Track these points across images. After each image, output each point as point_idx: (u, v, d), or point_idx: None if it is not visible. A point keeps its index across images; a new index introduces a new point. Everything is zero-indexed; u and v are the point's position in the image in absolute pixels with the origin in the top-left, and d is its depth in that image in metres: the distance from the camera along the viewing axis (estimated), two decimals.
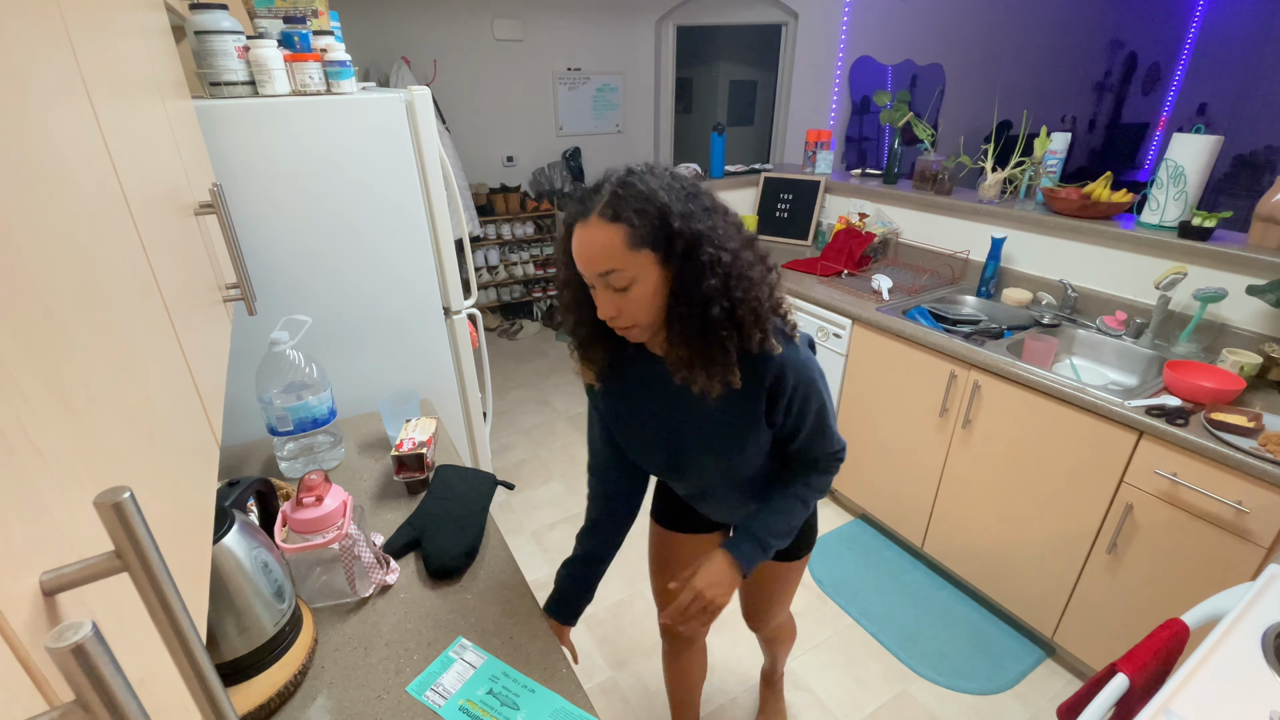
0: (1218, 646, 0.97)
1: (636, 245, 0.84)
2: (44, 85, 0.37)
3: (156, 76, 0.78)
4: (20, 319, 0.28)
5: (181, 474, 0.51)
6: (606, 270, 0.85)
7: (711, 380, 0.91)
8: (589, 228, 0.84)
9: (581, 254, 0.86)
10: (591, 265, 0.85)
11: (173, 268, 0.63)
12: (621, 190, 0.84)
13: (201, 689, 0.32)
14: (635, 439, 1.10)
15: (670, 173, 0.89)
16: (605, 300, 0.88)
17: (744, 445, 1.02)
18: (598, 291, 0.89)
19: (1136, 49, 6.75)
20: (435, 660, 0.97)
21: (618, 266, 0.84)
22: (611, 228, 0.83)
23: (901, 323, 2.10)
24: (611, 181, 0.86)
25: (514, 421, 3.36)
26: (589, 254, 0.85)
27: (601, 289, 0.88)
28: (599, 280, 0.86)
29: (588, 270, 0.87)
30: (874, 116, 5.39)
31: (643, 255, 0.84)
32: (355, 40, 3.64)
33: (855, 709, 1.82)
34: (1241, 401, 1.59)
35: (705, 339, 0.88)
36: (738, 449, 1.03)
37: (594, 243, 0.84)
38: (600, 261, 0.84)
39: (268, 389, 1.30)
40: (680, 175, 0.89)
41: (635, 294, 0.86)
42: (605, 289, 0.87)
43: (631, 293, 0.86)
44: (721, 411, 0.99)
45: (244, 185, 1.39)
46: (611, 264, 0.84)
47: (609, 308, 0.88)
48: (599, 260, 0.84)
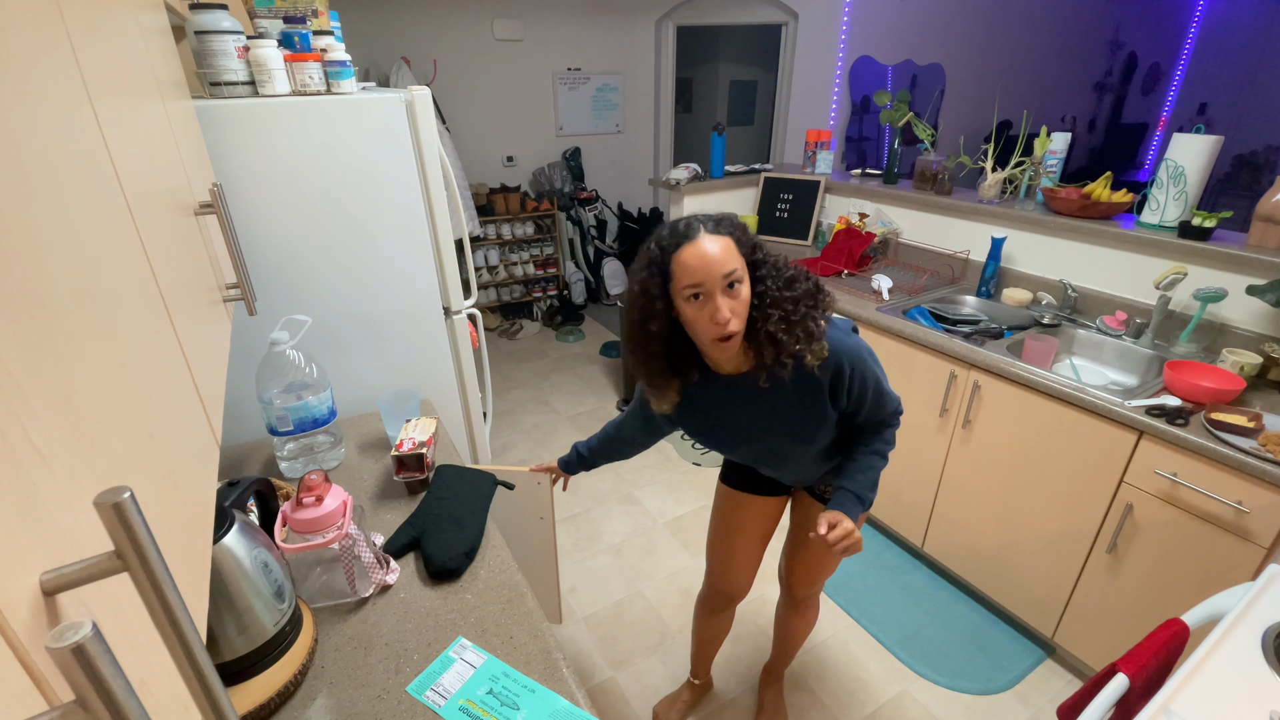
0: (1218, 646, 0.97)
1: (740, 251, 1.02)
2: (44, 85, 0.37)
3: (156, 76, 0.78)
4: (20, 319, 0.28)
5: (181, 474, 0.51)
6: (731, 269, 0.98)
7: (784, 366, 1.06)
8: (703, 242, 0.98)
9: (705, 262, 0.98)
10: (719, 267, 0.98)
11: (173, 268, 0.63)
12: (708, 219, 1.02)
13: (201, 689, 0.32)
14: (725, 445, 1.28)
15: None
16: (723, 305, 0.99)
17: (818, 429, 1.18)
18: (714, 300, 0.99)
19: (1136, 49, 6.75)
20: (435, 660, 0.97)
21: (736, 265, 0.99)
22: (723, 238, 1.00)
23: (901, 323, 2.10)
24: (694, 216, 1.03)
25: (514, 421, 3.36)
26: (715, 259, 0.98)
27: (719, 295, 0.99)
28: (722, 282, 0.98)
29: (714, 273, 0.98)
30: (874, 116, 5.39)
31: (742, 261, 1.02)
32: (355, 40, 3.65)
33: (855, 709, 1.82)
34: (1241, 401, 1.59)
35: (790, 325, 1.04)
36: (813, 433, 1.19)
37: (716, 249, 0.98)
38: (726, 261, 0.98)
39: (268, 389, 1.30)
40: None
41: (743, 294, 1.01)
42: (722, 294, 0.99)
43: (741, 292, 1.01)
44: (794, 406, 1.15)
45: (244, 185, 1.39)
46: (733, 264, 0.99)
47: (725, 310, 0.99)
48: (725, 261, 0.98)
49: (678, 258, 0.99)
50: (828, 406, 1.15)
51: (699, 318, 1.02)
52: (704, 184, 3.00)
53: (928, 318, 2.15)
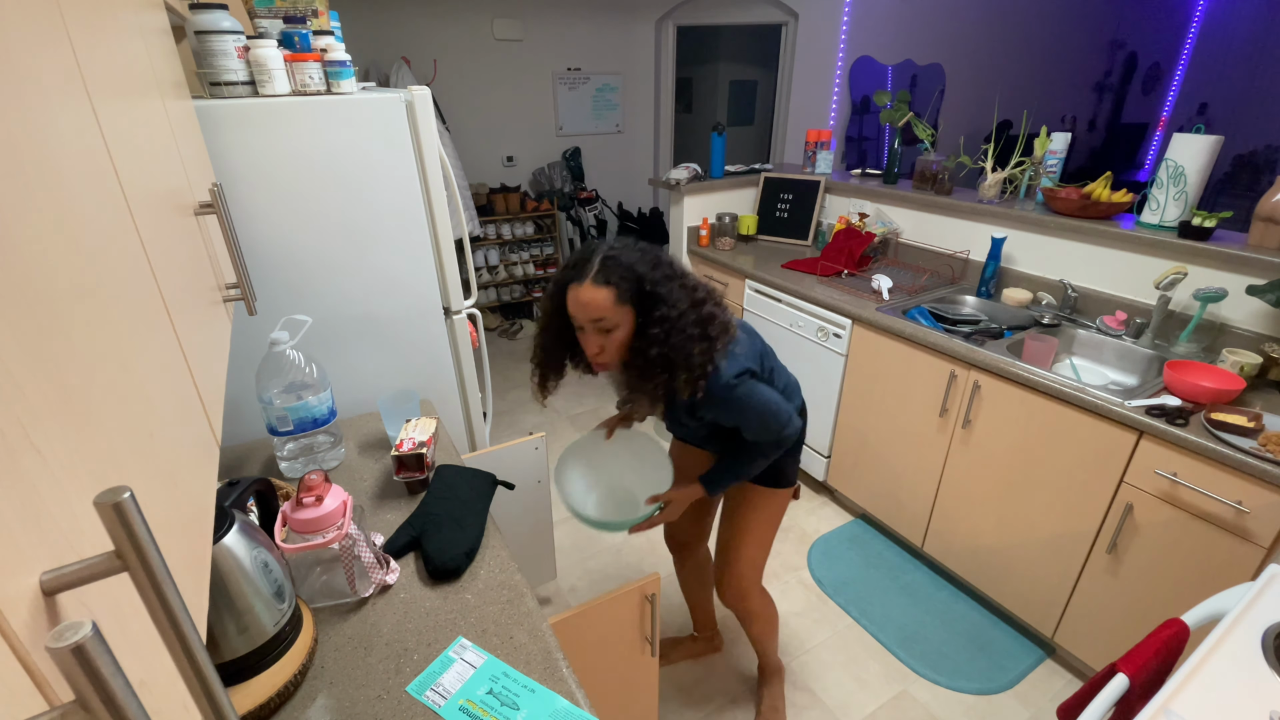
0: (1218, 646, 0.97)
1: (620, 302, 1.12)
2: (44, 85, 0.37)
3: (156, 76, 0.78)
4: (20, 319, 0.28)
5: (181, 474, 0.51)
6: (597, 318, 1.13)
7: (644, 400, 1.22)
8: (584, 288, 1.11)
9: (578, 307, 1.13)
10: (588, 314, 1.12)
11: (173, 268, 0.63)
12: (608, 261, 1.12)
13: (201, 689, 0.32)
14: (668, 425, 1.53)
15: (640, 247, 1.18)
16: (592, 340, 1.16)
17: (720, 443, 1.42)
18: (586, 333, 1.16)
19: (1136, 49, 6.75)
20: (435, 660, 0.97)
21: (606, 316, 1.13)
22: (602, 290, 1.11)
23: (901, 323, 2.10)
24: (599, 254, 1.13)
25: (514, 421, 3.36)
26: (585, 307, 1.12)
27: (591, 332, 1.15)
28: (591, 325, 1.14)
29: (585, 317, 1.13)
30: (874, 116, 5.39)
31: (624, 309, 1.13)
32: (355, 40, 3.65)
33: (855, 709, 1.82)
34: (1241, 401, 1.59)
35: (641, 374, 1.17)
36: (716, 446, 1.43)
37: (590, 299, 1.11)
38: (594, 311, 1.12)
39: (268, 389, 1.30)
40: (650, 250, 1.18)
41: (615, 338, 1.16)
42: (594, 332, 1.15)
43: (613, 336, 1.15)
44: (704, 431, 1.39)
45: (244, 185, 1.39)
46: (601, 314, 1.12)
47: (594, 346, 1.16)
48: (593, 311, 1.12)
49: (568, 290, 1.14)
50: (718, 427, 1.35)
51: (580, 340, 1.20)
52: (704, 184, 3.00)
53: (928, 318, 2.15)
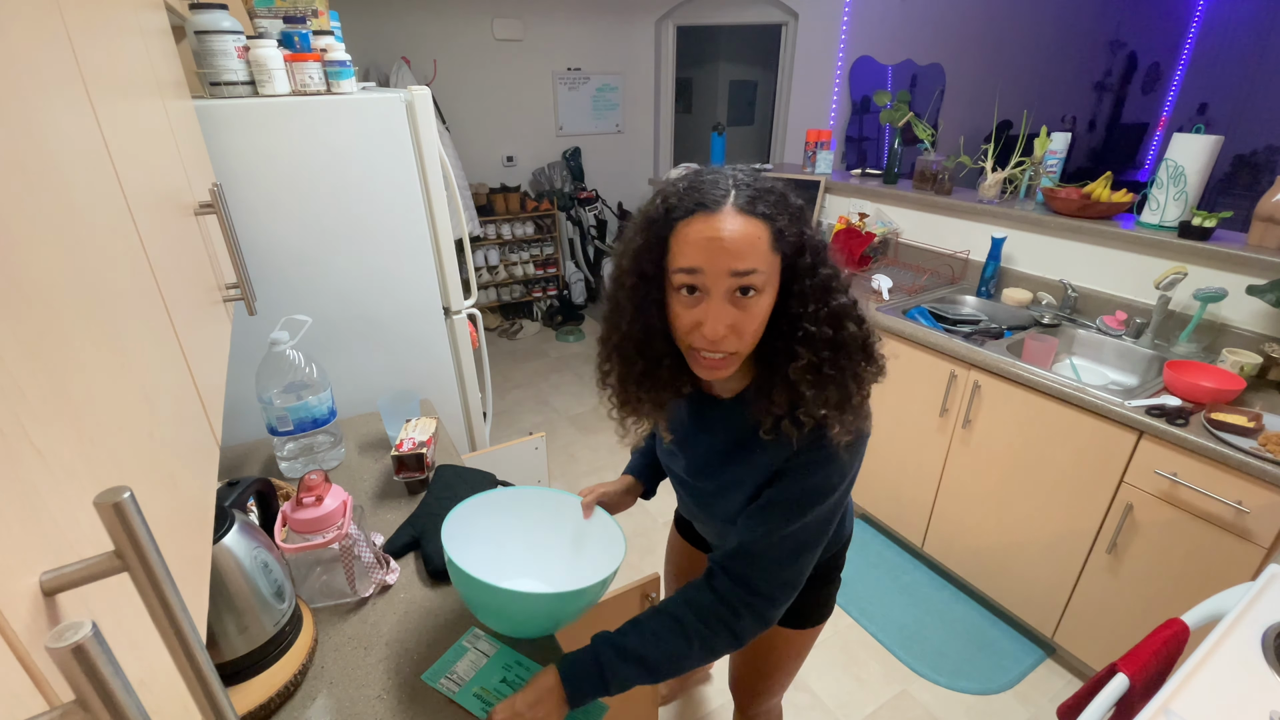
0: (1218, 646, 0.97)
1: (776, 247, 0.71)
2: (44, 85, 0.37)
3: (156, 76, 0.78)
4: (20, 319, 0.28)
5: (181, 474, 0.51)
6: (747, 269, 0.69)
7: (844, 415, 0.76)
8: (723, 218, 0.69)
9: (714, 247, 0.69)
10: (730, 260, 0.69)
11: (173, 268, 0.63)
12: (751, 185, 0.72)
13: (201, 689, 0.32)
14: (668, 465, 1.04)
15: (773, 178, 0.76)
16: (722, 313, 0.71)
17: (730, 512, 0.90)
18: (711, 302, 0.72)
19: (1136, 49, 6.75)
20: (450, 649, 0.98)
21: (759, 267, 0.70)
22: (755, 221, 0.69)
23: (901, 323, 2.10)
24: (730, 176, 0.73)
25: (514, 421, 3.36)
26: (728, 247, 0.69)
27: (720, 298, 0.71)
28: (728, 283, 0.70)
29: (718, 267, 0.70)
30: (874, 116, 5.39)
31: (776, 261, 0.72)
32: (355, 40, 3.64)
33: (855, 709, 1.82)
34: (1241, 401, 1.59)
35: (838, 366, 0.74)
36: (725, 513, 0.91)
37: (736, 233, 0.69)
38: (743, 256, 0.69)
39: (268, 389, 1.30)
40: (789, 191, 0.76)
41: (757, 308, 0.72)
42: (726, 299, 0.71)
43: (755, 305, 0.72)
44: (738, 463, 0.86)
45: (244, 185, 1.39)
46: (755, 262, 0.69)
47: (723, 324, 0.71)
48: (742, 254, 0.69)
49: (681, 228, 0.71)
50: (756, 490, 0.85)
51: (684, 318, 0.74)
52: None
53: (928, 318, 2.15)
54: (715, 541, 1.09)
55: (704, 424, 0.90)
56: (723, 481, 0.89)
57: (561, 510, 1.08)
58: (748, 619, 0.81)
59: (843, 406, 0.76)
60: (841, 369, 0.75)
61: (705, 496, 0.95)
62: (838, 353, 0.75)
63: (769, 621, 0.82)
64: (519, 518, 1.07)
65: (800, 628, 1.13)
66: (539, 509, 1.08)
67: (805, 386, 0.75)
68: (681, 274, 0.72)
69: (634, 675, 0.81)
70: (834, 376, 0.75)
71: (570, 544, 1.06)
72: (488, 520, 1.04)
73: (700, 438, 0.91)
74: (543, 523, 1.07)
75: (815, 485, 0.80)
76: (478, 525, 1.02)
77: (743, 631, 0.82)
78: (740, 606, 0.81)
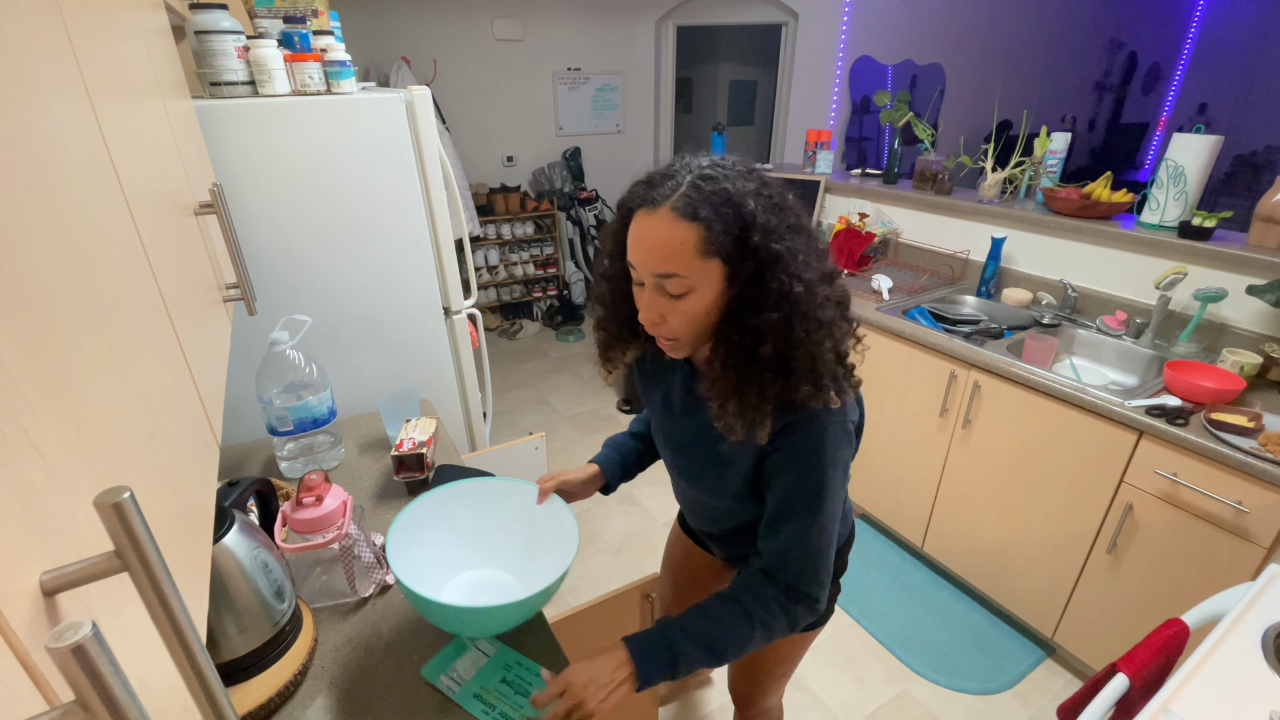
0: (1218, 646, 0.97)
1: (707, 252, 0.73)
2: (44, 85, 0.37)
3: (156, 76, 0.78)
4: (20, 319, 0.28)
5: (181, 474, 0.51)
6: (666, 273, 0.74)
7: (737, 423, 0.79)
8: (656, 219, 0.73)
9: (641, 247, 0.75)
10: (649, 262, 0.74)
11: (173, 268, 0.63)
12: (703, 184, 0.73)
13: (201, 689, 0.32)
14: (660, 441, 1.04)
15: (759, 174, 0.77)
16: (651, 303, 0.78)
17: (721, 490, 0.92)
18: (644, 291, 0.78)
19: (1136, 49, 6.75)
20: (450, 643, 0.98)
21: (680, 272, 0.74)
22: (683, 225, 0.72)
23: (901, 323, 2.10)
24: (692, 171, 0.74)
25: (514, 421, 3.36)
26: (650, 249, 0.74)
27: (651, 290, 0.77)
28: (651, 280, 0.76)
29: (643, 266, 0.76)
30: (874, 116, 5.39)
31: (710, 264, 0.74)
32: (355, 40, 3.64)
33: (855, 709, 1.82)
34: (1241, 401, 1.59)
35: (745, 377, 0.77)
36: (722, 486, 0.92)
37: (659, 237, 0.73)
38: (661, 261, 0.73)
39: (268, 389, 1.30)
40: (769, 180, 0.77)
41: (688, 305, 0.76)
42: (656, 291, 0.77)
43: (684, 303, 0.76)
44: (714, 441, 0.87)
45: (244, 185, 1.39)
46: (673, 267, 0.73)
47: (653, 312, 0.78)
48: (661, 259, 0.73)
49: (632, 219, 0.77)
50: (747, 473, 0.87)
51: (637, 299, 0.81)
52: None
53: (928, 318, 2.15)
54: (708, 528, 1.09)
55: (690, 394, 0.93)
56: (709, 457, 0.91)
57: (513, 500, 1.07)
58: (803, 607, 0.86)
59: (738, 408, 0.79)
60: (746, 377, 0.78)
61: (693, 473, 0.97)
62: (750, 364, 0.77)
63: (820, 608, 0.87)
64: (471, 510, 1.07)
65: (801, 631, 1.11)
66: (492, 500, 1.08)
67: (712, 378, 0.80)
68: (629, 263, 0.79)
69: (701, 658, 0.83)
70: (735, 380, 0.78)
71: (525, 534, 1.06)
72: (437, 519, 1.04)
73: (691, 412, 0.93)
74: (495, 514, 1.07)
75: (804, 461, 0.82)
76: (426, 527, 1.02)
77: (798, 618, 0.87)
78: (797, 595, 0.86)
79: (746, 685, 1.26)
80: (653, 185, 0.75)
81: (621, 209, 0.80)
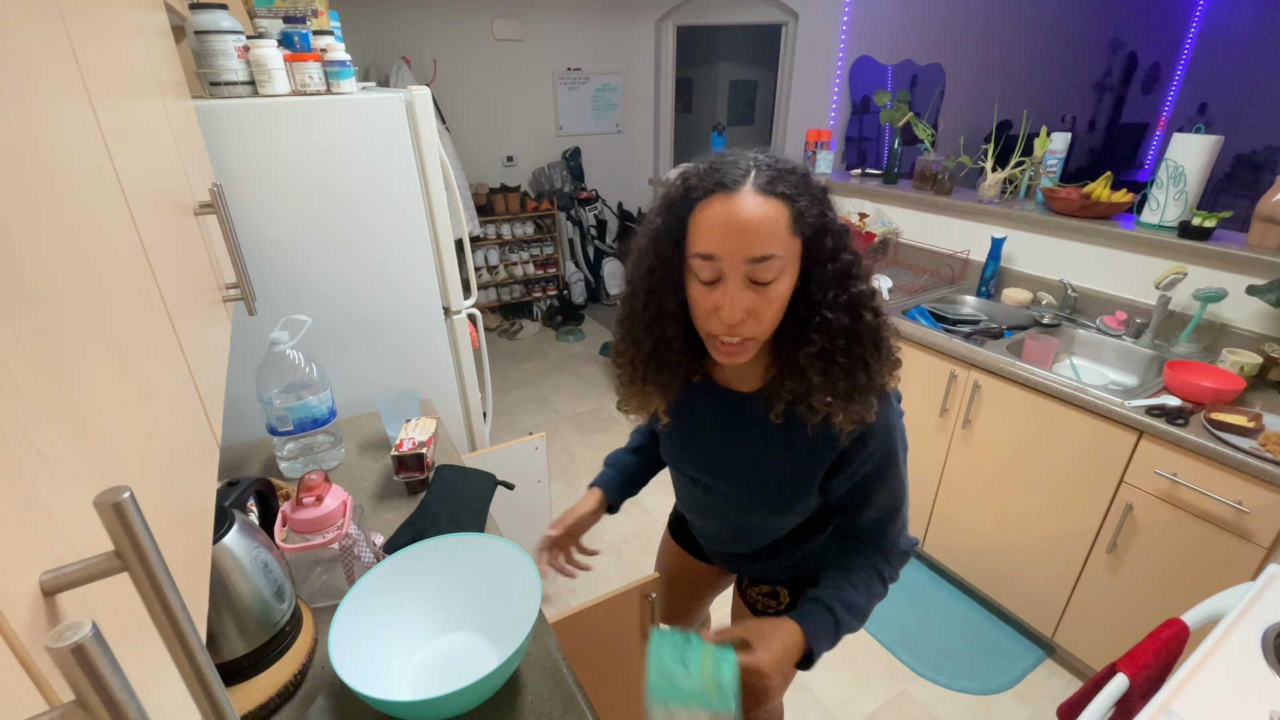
0: (1218, 646, 0.97)
1: (796, 230, 0.69)
2: (44, 85, 0.37)
3: (156, 76, 0.78)
4: (20, 319, 0.28)
5: (181, 474, 0.51)
6: (764, 255, 0.67)
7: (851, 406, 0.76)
8: (742, 198, 0.67)
9: (731, 230, 0.67)
10: (744, 246, 0.67)
11: (173, 268, 0.63)
12: (771, 163, 0.70)
13: (201, 689, 0.32)
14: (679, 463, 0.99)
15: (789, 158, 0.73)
16: (738, 298, 0.70)
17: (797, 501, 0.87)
18: (726, 287, 0.70)
19: (1136, 49, 6.75)
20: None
21: (777, 252, 0.68)
22: (774, 203, 0.67)
23: (901, 323, 2.10)
24: (750, 158, 0.71)
25: (514, 421, 3.36)
26: (745, 230, 0.67)
27: (737, 284, 0.70)
28: (743, 269, 0.69)
29: (735, 252, 0.68)
30: (874, 116, 5.39)
31: (796, 245, 0.70)
32: (355, 40, 3.64)
33: (855, 709, 1.82)
34: (1241, 401, 1.59)
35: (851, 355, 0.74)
36: (789, 503, 0.88)
37: (754, 215, 0.67)
38: (760, 242, 0.67)
39: (268, 389, 1.30)
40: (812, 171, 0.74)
41: (777, 292, 0.71)
42: (742, 284, 0.70)
43: (773, 289, 0.70)
44: (784, 460, 0.84)
45: (244, 185, 1.39)
46: (771, 247, 0.68)
47: (740, 309, 0.70)
48: (759, 240, 0.67)
49: (699, 210, 0.70)
50: (818, 480, 0.85)
51: (701, 303, 0.73)
52: None
53: (928, 318, 2.15)
54: (738, 549, 1.04)
55: (731, 423, 0.89)
56: (755, 480, 0.89)
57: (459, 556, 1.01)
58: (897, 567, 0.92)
59: (850, 396, 0.76)
60: (853, 358, 0.75)
61: (743, 494, 0.92)
62: (851, 342, 0.75)
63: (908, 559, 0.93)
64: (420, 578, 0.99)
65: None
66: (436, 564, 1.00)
67: (814, 373, 0.75)
68: (698, 259, 0.71)
69: (853, 627, 0.87)
70: (844, 365, 0.75)
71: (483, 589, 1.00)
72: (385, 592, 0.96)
73: (728, 436, 0.89)
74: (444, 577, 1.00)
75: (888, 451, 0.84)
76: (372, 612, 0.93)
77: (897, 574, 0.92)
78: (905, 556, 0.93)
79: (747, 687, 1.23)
80: (718, 170, 0.70)
81: (674, 207, 0.74)
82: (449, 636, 1.00)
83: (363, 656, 0.87)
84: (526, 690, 0.92)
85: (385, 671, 0.91)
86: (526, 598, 0.92)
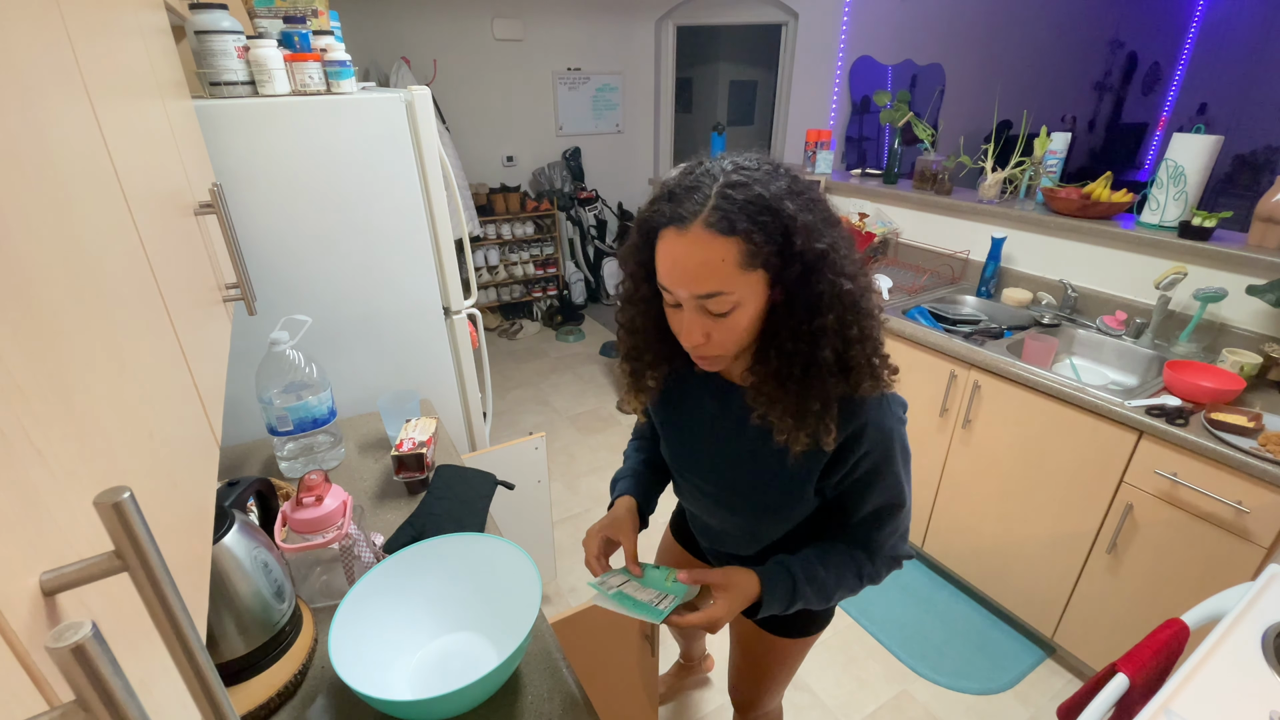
0: (1218, 646, 0.97)
1: (750, 265, 0.68)
2: (44, 85, 0.37)
3: (156, 76, 0.78)
4: (20, 319, 0.28)
5: (181, 474, 0.51)
6: (709, 293, 0.69)
7: (800, 432, 0.76)
8: (690, 238, 0.67)
9: (677, 269, 0.70)
10: (688, 284, 0.69)
11: (173, 268, 0.63)
12: (733, 192, 0.67)
13: (201, 689, 0.32)
14: (677, 457, 0.99)
15: (786, 170, 0.72)
16: (695, 325, 0.73)
17: (791, 499, 0.87)
18: (684, 313, 0.73)
19: (1136, 49, 6.75)
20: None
21: (724, 289, 0.69)
22: (722, 242, 0.67)
23: (901, 323, 2.10)
24: (717, 179, 0.69)
25: (514, 421, 3.36)
26: (688, 271, 0.69)
27: (692, 312, 0.72)
28: (692, 301, 0.71)
29: (683, 290, 0.70)
30: (874, 116, 5.39)
31: (753, 276, 0.69)
32: (355, 40, 3.64)
33: (855, 709, 1.82)
34: (1241, 401, 1.59)
35: (806, 385, 0.74)
36: (780, 501, 0.88)
37: (697, 257, 0.68)
38: (702, 281, 0.69)
39: (268, 389, 1.30)
40: (796, 175, 0.73)
41: (734, 321, 0.72)
42: (698, 313, 0.72)
43: (730, 319, 0.72)
44: (776, 455, 0.84)
45: (244, 185, 1.39)
46: (716, 285, 0.69)
47: (697, 334, 0.73)
48: (701, 280, 0.69)
49: (659, 241, 0.72)
50: (813, 480, 0.85)
51: (671, 320, 0.77)
52: None
53: (928, 318, 2.15)
54: (741, 550, 1.03)
55: (728, 416, 0.90)
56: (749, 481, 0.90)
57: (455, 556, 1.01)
58: (897, 567, 0.93)
59: (801, 418, 0.76)
60: (806, 387, 0.75)
61: (739, 495, 0.92)
62: (807, 371, 0.75)
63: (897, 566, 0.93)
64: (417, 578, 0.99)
65: (802, 636, 1.11)
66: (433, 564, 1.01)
67: (765, 392, 0.78)
68: (661, 284, 0.75)
69: (812, 600, 0.88)
70: (797, 391, 0.75)
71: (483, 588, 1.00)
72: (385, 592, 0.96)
73: (735, 432, 0.89)
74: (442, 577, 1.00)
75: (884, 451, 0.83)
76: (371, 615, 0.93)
77: (880, 576, 0.91)
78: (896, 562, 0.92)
79: (748, 690, 1.23)
80: (676, 200, 0.70)
81: (642, 228, 0.75)
82: (449, 636, 1.00)
83: (363, 656, 0.87)
84: (526, 690, 0.92)
85: (385, 671, 0.91)
86: (526, 598, 0.92)
